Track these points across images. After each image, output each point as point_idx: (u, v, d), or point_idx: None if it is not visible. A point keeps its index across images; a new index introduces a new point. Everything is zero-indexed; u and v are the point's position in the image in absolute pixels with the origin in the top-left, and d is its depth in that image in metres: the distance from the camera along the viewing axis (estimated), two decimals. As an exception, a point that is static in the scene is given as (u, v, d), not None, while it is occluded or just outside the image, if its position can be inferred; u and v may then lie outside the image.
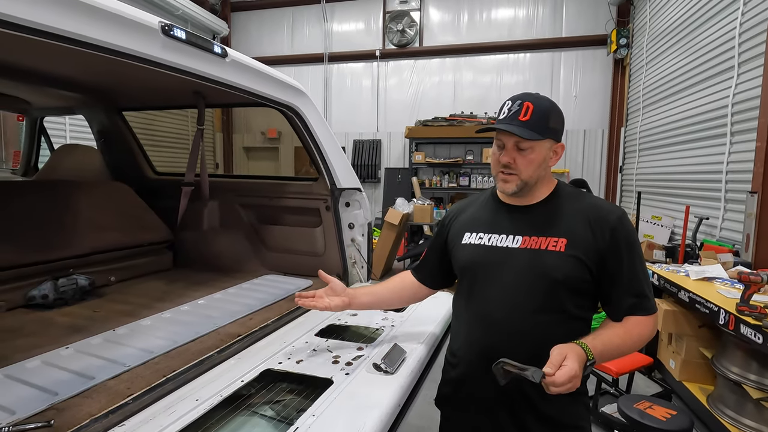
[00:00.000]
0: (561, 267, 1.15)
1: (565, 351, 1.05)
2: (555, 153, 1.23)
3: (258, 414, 1.25)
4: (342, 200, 2.43)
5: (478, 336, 1.25)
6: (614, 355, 1.18)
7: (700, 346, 3.04)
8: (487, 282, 1.25)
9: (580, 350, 1.07)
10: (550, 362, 1.02)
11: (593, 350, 1.09)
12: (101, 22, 1.13)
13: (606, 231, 1.16)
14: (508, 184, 1.21)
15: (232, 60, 1.60)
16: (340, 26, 8.85)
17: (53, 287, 1.93)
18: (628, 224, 1.19)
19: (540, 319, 1.17)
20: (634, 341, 1.18)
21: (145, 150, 3.06)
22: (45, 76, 2.13)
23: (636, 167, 6.74)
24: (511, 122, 1.16)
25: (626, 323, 1.17)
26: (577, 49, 7.70)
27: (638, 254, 1.19)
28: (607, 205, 1.22)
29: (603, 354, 1.12)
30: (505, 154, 1.20)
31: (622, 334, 1.17)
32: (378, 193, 8.67)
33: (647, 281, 1.20)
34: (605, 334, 1.16)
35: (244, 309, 1.87)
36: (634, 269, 1.17)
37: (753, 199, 3.45)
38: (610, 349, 1.15)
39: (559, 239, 1.17)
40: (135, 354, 1.41)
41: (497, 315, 1.22)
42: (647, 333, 1.19)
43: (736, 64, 4.00)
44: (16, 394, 1.17)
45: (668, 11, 5.60)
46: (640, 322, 1.17)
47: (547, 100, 1.20)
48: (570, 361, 1.02)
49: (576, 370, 1.01)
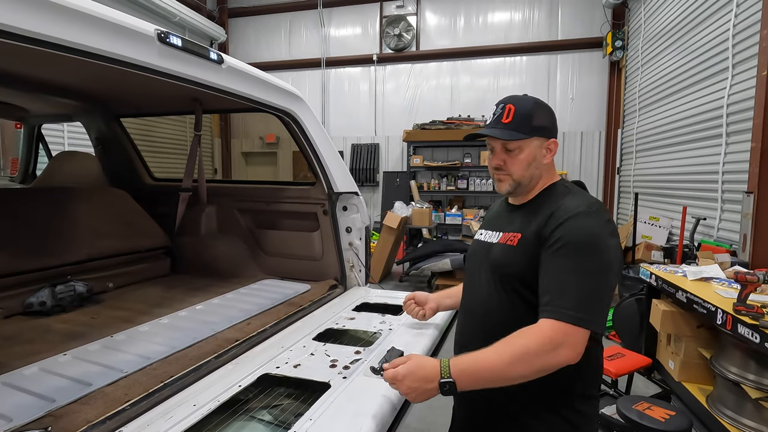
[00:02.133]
0: (508, 260, 1.17)
1: (411, 357, 1.11)
2: (548, 150, 1.21)
3: (255, 419, 1.25)
4: (339, 204, 2.43)
5: (460, 327, 1.34)
6: (496, 374, 1.02)
7: (699, 347, 3.04)
8: (471, 275, 1.32)
9: (429, 365, 1.06)
10: (393, 362, 1.12)
11: (455, 368, 1.03)
12: (98, 30, 1.14)
13: (553, 225, 1.09)
14: (502, 184, 1.24)
15: (228, 66, 1.61)
16: (338, 31, 8.89)
17: (51, 294, 1.93)
18: (581, 222, 1.06)
19: (497, 311, 1.19)
20: (517, 355, 1.00)
21: (143, 156, 3.07)
22: (42, 84, 2.14)
23: (633, 169, 6.77)
24: (495, 126, 1.20)
25: (516, 333, 1.04)
26: (573, 51, 7.75)
27: (576, 255, 1.04)
28: (575, 203, 1.12)
29: (473, 371, 1.03)
30: (495, 157, 1.24)
31: (500, 347, 1.02)
32: (376, 196, 8.69)
33: (576, 287, 1.01)
34: (485, 349, 1.04)
35: (241, 314, 1.87)
36: (557, 265, 1.05)
37: (749, 199, 3.47)
38: (480, 368, 1.03)
39: (516, 234, 1.18)
40: (132, 360, 1.41)
41: (470, 306, 1.30)
42: (533, 345, 0.99)
43: (730, 65, 4.03)
44: (13, 401, 1.17)
45: (663, 13, 5.64)
46: (529, 330, 1.02)
47: (530, 100, 1.21)
48: (402, 368, 1.08)
49: (398, 376, 1.07)
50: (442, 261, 5.65)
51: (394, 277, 6.84)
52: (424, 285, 6.18)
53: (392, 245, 6.45)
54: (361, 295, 2.27)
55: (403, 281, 6.51)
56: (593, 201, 1.15)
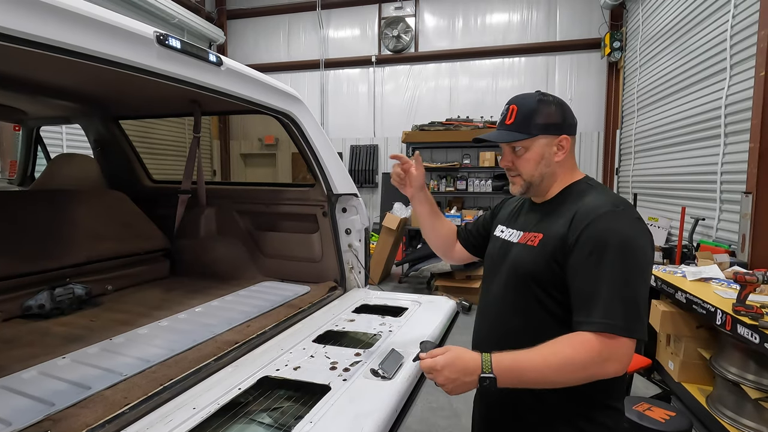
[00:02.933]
0: (529, 261, 1.14)
1: (450, 349, 1.06)
2: (559, 147, 1.17)
3: (256, 421, 1.25)
4: (339, 206, 2.43)
5: (476, 326, 1.32)
6: (538, 378, 1.00)
7: (699, 347, 3.04)
8: (491, 274, 1.29)
9: (469, 357, 1.02)
10: (431, 352, 1.08)
11: (497, 364, 1.00)
12: (97, 32, 1.14)
13: (580, 227, 1.05)
14: (514, 186, 1.24)
15: (227, 68, 1.61)
16: (336, 33, 8.90)
17: (50, 297, 1.92)
18: (610, 223, 1.03)
19: (511, 312, 1.18)
20: (563, 365, 0.97)
21: (142, 158, 3.06)
22: (41, 86, 2.14)
23: (632, 169, 6.78)
24: (499, 128, 1.20)
25: (560, 341, 1.00)
26: (571, 52, 7.76)
27: (610, 259, 0.99)
28: (599, 202, 1.08)
29: (515, 371, 1.00)
30: (503, 159, 1.24)
31: (547, 354, 0.99)
32: (376, 198, 8.68)
33: (614, 294, 0.98)
34: (528, 351, 1.01)
35: (241, 316, 1.87)
36: (591, 272, 1.01)
37: (748, 199, 3.47)
38: (524, 369, 1.00)
39: (537, 234, 1.16)
40: (132, 363, 1.41)
41: (486, 306, 1.28)
42: (581, 357, 0.96)
43: (728, 65, 4.04)
44: (12, 405, 1.16)
45: (660, 14, 5.66)
46: (575, 341, 0.98)
47: (534, 98, 1.18)
48: (441, 358, 1.04)
49: (437, 366, 1.03)
50: (442, 262, 5.64)
51: (393, 278, 6.84)
52: (424, 286, 6.18)
53: (391, 246, 6.45)
54: (361, 297, 2.27)
55: (402, 282, 6.50)
56: (619, 199, 1.10)
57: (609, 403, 1.13)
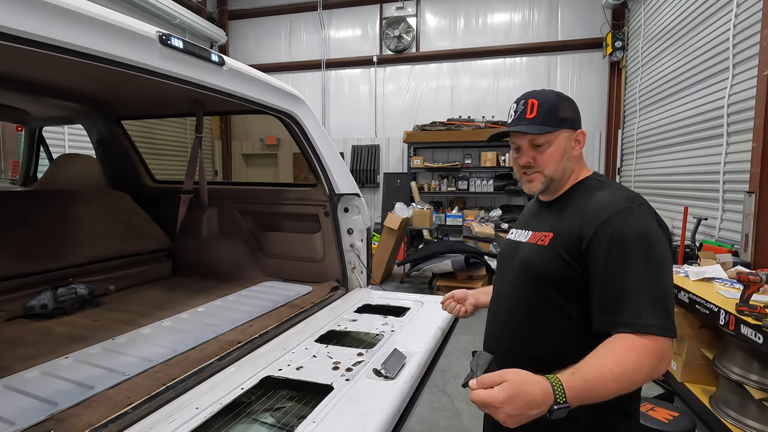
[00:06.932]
0: (538, 261, 1.12)
1: (507, 376, 0.88)
2: (577, 141, 1.16)
3: (258, 421, 1.25)
4: (341, 206, 2.43)
5: (487, 329, 1.31)
6: (605, 393, 0.91)
7: (702, 347, 3.03)
8: (501, 276, 1.28)
9: (535, 389, 0.86)
10: (482, 379, 0.90)
11: (570, 390, 0.87)
12: (99, 32, 1.14)
13: (595, 224, 1.03)
14: (532, 184, 1.18)
15: (229, 68, 1.61)
16: (337, 33, 8.90)
17: (52, 297, 1.93)
18: (626, 219, 1.01)
19: (522, 313, 1.16)
20: (629, 373, 0.91)
21: (144, 158, 3.07)
22: (44, 87, 2.14)
23: (634, 169, 6.76)
24: (520, 122, 1.15)
25: (614, 349, 0.93)
26: (572, 52, 7.75)
27: (632, 255, 0.97)
28: (612, 198, 1.06)
29: (586, 392, 0.89)
30: (523, 155, 1.17)
31: (611, 365, 0.91)
32: (377, 198, 8.68)
33: (644, 291, 0.96)
34: (590, 366, 0.91)
35: (243, 316, 1.87)
36: (615, 271, 0.98)
37: (751, 199, 3.46)
38: (594, 387, 0.90)
39: (547, 234, 1.13)
40: (134, 363, 1.41)
41: (496, 307, 1.27)
42: (646, 361, 0.91)
43: (730, 65, 4.03)
44: (15, 405, 1.16)
45: (662, 14, 5.64)
46: (630, 346, 0.93)
47: (552, 93, 1.17)
48: (499, 391, 0.85)
49: (495, 403, 0.85)
50: (443, 262, 5.64)
51: (395, 278, 6.84)
52: (425, 286, 6.17)
53: (393, 246, 6.44)
54: (363, 297, 2.27)
55: (404, 282, 6.50)
56: (633, 194, 1.08)
57: (627, 409, 1.10)
